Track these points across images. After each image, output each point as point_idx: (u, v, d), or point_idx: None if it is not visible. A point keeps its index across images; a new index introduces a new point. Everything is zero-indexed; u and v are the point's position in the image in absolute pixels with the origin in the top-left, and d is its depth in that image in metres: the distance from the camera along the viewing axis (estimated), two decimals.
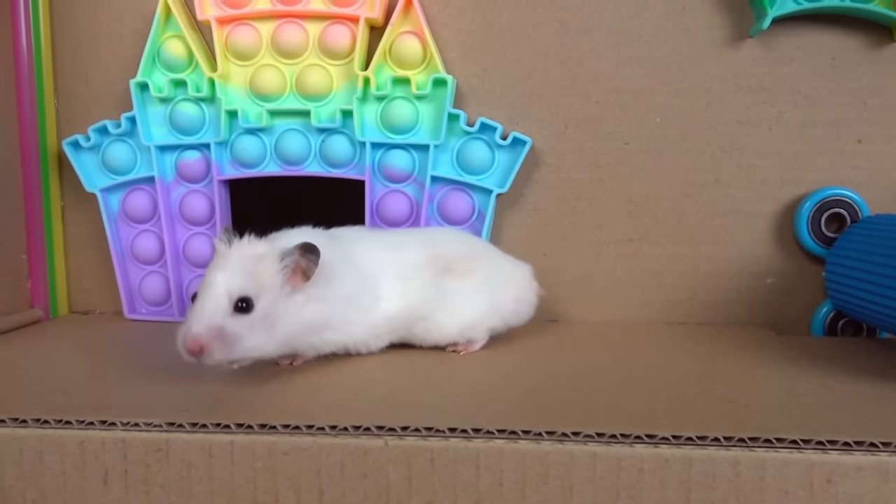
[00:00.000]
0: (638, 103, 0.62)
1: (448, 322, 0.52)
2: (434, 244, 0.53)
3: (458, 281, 0.52)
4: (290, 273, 0.45)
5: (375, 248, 0.51)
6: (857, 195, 0.60)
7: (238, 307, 0.43)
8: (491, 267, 0.54)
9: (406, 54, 0.60)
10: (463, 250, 0.54)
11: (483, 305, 0.53)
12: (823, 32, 0.60)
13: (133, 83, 0.62)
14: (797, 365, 0.51)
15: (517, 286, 0.56)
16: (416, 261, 0.51)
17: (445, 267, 0.52)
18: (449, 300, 0.51)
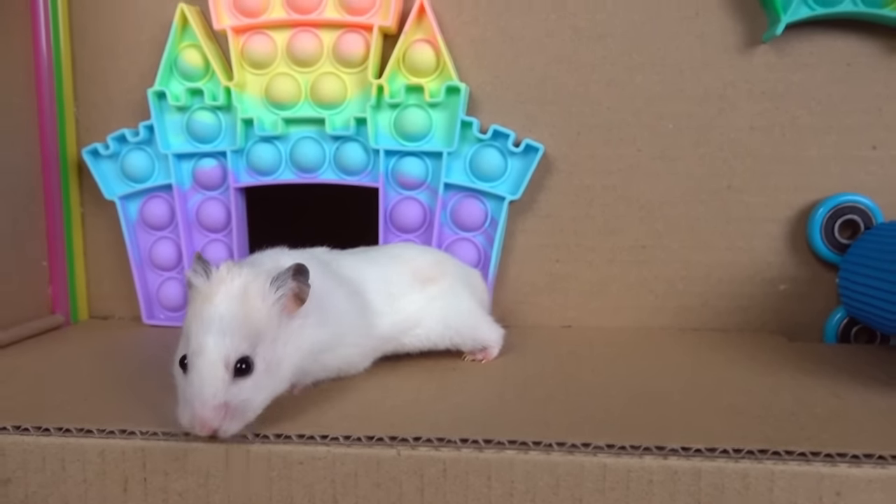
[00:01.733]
0: (650, 109, 0.62)
1: (436, 326, 0.52)
2: (405, 258, 0.54)
3: (436, 287, 0.52)
4: (286, 300, 0.41)
5: (359, 264, 0.51)
6: (871, 201, 0.60)
7: (238, 370, 0.39)
8: (455, 271, 0.56)
9: (419, 62, 0.61)
10: (428, 259, 0.55)
11: (467, 303, 0.54)
12: (838, 38, 0.60)
13: (151, 92, 0.62)
14: (808, 373, 0.51)
15: (478, 289, 0.58)
16: (400, 274, 0.52)
17: (425, 278, 0.52)
18: (434, 306, 0.52)
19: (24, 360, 0.55)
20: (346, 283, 0.49)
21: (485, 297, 0.59)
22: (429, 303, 0.52)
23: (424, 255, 0.55)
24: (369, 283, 0.50)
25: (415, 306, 0.51)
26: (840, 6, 0.58)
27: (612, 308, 0.64)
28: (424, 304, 0.52)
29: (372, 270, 0.52)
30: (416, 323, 0.51)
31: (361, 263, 0.52)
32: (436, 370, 0.52)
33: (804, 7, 0.58)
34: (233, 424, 0.38)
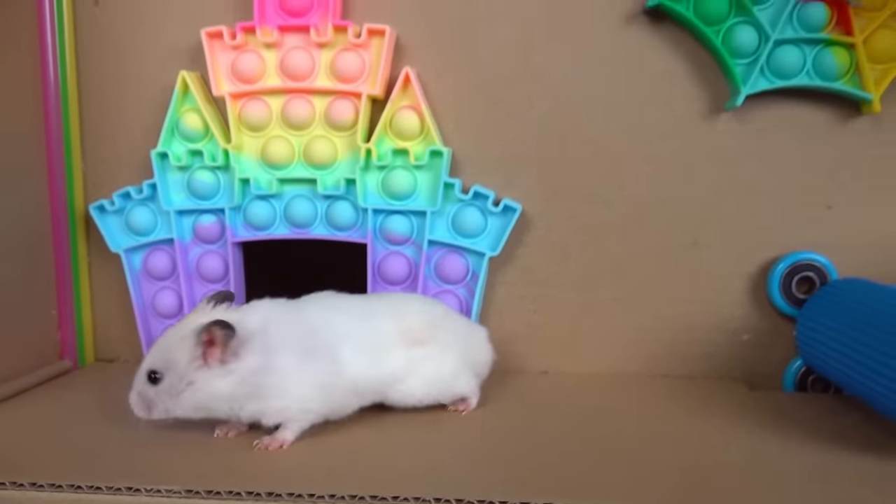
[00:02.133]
0: (622, 171, 0.66)
1: (419, 385, 0.56)
2: (401, 314, 0.57)
3: (423, 348, 0.56)
4: (206, 348, 0.49)
5: (344, 316, 0.55)
6: (826, 259, 0.64)
7: (150, 378, 0.51)
8: (452, 331, 0.58)
9: (405, 127, 0.65)
10: (426, 318, 0.58)
11: (451, 366, 0.57)
12: (795, 107, 0.64)
13: (154, 153, 0.67)
14: (762, 426, 0.55)
15: (477, 349, 0.60)
16: (386, 330, 0.55)
17: (414, 338, 0.56)
18: (418, 366, 0.55)
19: (36, 410, 0.59)
20: (313, 336, 0.53)
21: (483, 356, 0.61)
22: (414, 363, 0.55)
23: (422, 315, 0.58)
24: (348, 338, 0.54)
25: (398, 364, 0.55)
26: (796, 79, 0.62)
27: (586, 355, 0.68)
28: (408, 363, 0.55)
29: (356, 325, 0.55)
30: (398, 380, 0.55)
31: (347, 318, 0.55)
32: (412, 425, 0.56)
33: (763, 80, 0.63)
34: (139, 409, 0.51)
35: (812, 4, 0.61)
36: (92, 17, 0.69)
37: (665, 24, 0.64)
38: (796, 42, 0.62)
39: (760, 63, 0.62)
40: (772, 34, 0.61)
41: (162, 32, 0.68)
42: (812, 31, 0.62)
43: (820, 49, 0.62)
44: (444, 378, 0.57)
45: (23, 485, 0.46)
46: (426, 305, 0.60)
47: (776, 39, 0.61)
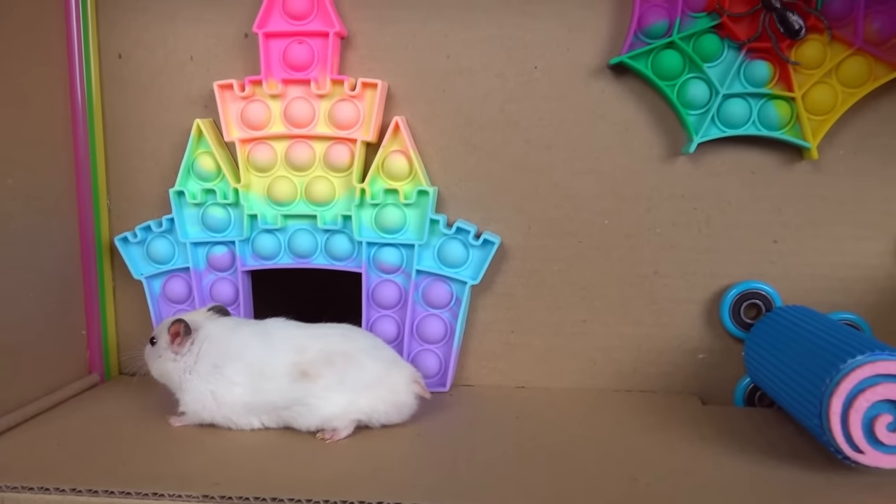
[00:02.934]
0: (589, 208, 0.74)
1: (307, 415, 0.63)
2: (303, 348, 0.63)
3: (316, 382, 0.62)
4: (171, 337, 0.65)
5: (261, 343, 0.64)
6: (771, 288, 0.72)
7: (151, 341, 0.68)
8: (359, 370, 0.63)
9: (395, 169, 0.73)
10: (322, 355, 0.63)
11: (340, 405, 0.62)
12: (744, 151, 0.72)
13: (172, 191, 0.75)
14: (706, 438, 0.63)
15: (387, 389, 0.63)
16: (284, 362, 0.63)
17: (303, 373, 0.62)
18: (310, 397, 0.62)
19: (71, 421, 0.67)
20: (219, 360, 0.64)
21: (402, 398, 0.64)
22: (298, 394, 0.62)
23: (320, 352, 0.63)
24: (253, 359, 0.63)
25: (281, 394, 0.62)
26: (743, 129, 0.70)
27: (558, 372, 0.76)
28: (292, 393, 0.62)
29: (257, 351, 0.63)
30: (283, 406, 0.63)
31: (256, 343, 0.64)
32: (399, 434, 0.64)
33: (714, 128, 0.70)
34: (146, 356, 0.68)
35: (756, 63, 0.69)
36: (116, 70, 0.76)
37: (627, 78, 0.72)
38: (743, 96, 0.69)
39: (711, 114, 0.69)
40: (721, 89, 0.69)
41: (179, 83, 0.76)
42: (757, 86, 0.69)
43: (764, 102, 0.69)
44: (321, 415, 0.62)
45: (63, 490, 0.54)
46: (343, 343, 0.65)
47: (725, 93, 0.69)
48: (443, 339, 0.75)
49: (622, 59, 0.69)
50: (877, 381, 0.53)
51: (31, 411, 0.68)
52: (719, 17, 0.68)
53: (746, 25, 0.68)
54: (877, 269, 0.71)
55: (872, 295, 0.71)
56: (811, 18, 0.67)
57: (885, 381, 0.53)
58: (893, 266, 0.71)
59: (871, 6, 0.67)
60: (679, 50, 0.69)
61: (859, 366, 0.53)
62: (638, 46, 0.69)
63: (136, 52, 0.76)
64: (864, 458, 0.54)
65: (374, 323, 0.75)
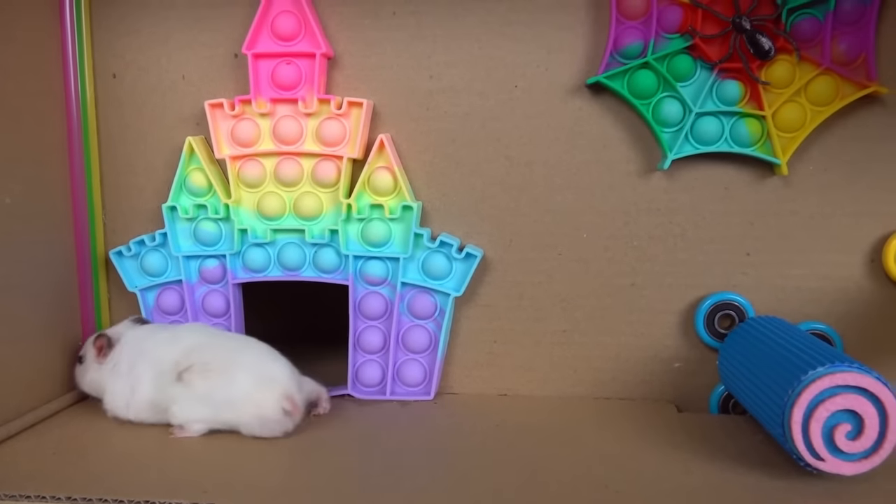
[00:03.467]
0: (569, 222, 0.76)
1: (177, 414, 0.68)
2: (193, 352, 0.69)
3: (183, 388, 0.67)
4: (97, 350, 0.72)
5: (162, 348, 0.70)
6: (744, 299, 0.74)
7: (79, 360, 0.75)
8: (227, 382, 0.67)
9: (381, 185, 0.75)
10: (216, 360, 0.68)
11: (202, 412, 0.67)
12: (717, 167, 0.74)
13: (165, 206, 0.77)
14: (677, 445, 0.65)
15: (252, 403, 0.66)
16: (169, 365, 0.68)
17: (178, 376, 0.68)
18: (180, 399, 0.67)
19: (66, 431, 0.69)
20: (140, 360, 0.70)
21: (264, 412, 0.66)
22: (176, 395, 0.68)
23: (213, 357, 0.68)
24: (150, 363, 0.70)
25: (160, 393, 0.68)
26: (715, 145, 0.72)
27: (539, 380, 0.79)
28: (170, 395, 0.68)
29: (165, 353, 0.69)
30: (166, 406, 0.68)
31: (166, 343, 0.70)
32: (381, 441, 0.67)
33: (687, 145, 0.72)
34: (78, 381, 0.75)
35: (728, 82, 0.71)
36: (110, 89, 0.79)
37: (604, 97, 0.74)
38: (715, 114, 0.72)
39: (685, 131, 0.72)
40: (694, 107, 0.71)
41: (171, 102, 0.78)
42: (729, 104, 0.71)
43: (736, 120, 0.72)
44: (183, 417, 0.68)
45: (59, 498, 0.56)
46: (226, 354, 0.69)
47: (698, 112, 0.71)
48: (427, 348, 0.77)
49: (599, 79, 0.72)
50: (836, 391, 0.56)
51: (30, 420, 0.71)
52: (692, 38, 0.70)
53: (718, 47, 0.71)
54: (846, 281, 0.74)
55: (842, 305, 0.74)
56: (780, 40, 0.69)
57: (845, 392, 0.55)
58: (861, 277, 0.73)
59: (837, 28, 0.69)
60: (654, 70, 0.71)
61: (820, 377, 0.56)
62: (614, 66, 0.72)
63: (130, 72, 0.79)
64: (825, 466, 0.56)
65: (361, 333, 0.78)
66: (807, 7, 0.69)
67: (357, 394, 0.78)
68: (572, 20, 0.73)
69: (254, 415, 0.66)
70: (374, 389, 0.78)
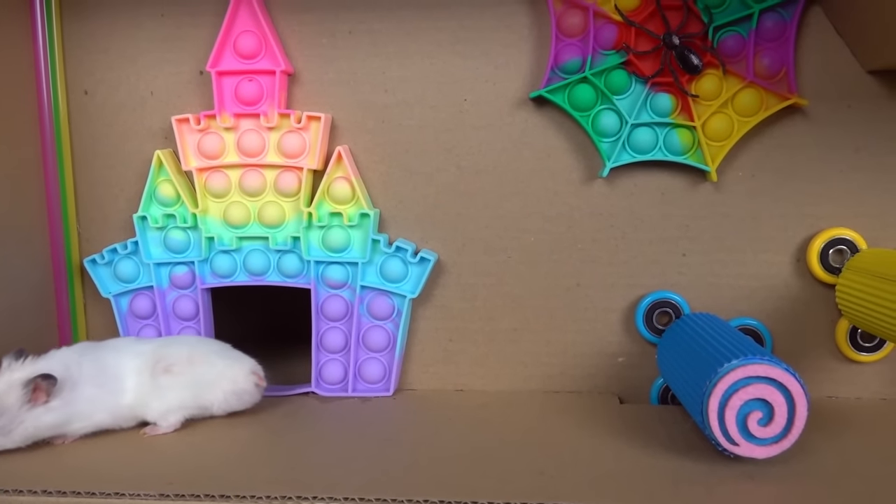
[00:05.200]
0: (517, 226, 0.81)
1: (156, 408, 0.72)
2: (161, 351, 0.73)
3: (171, 379, 0.72)
4: (32, 394, 0.65)
5: (123, 356, 0.72)
6: (680, 297, 0.79)
7: None
8: (202, 369, 0.73)
9: (339, 194, 0.80)
10: (183, 355, 0.73)
11: (184, 399, 0.72)
12: (654, 174, 0.79)
13: (136, 216, 0.81)
14: (614, 434, 0.70)
15: (229, 380, 0.74)
16: (144, 364, 0.72)
17: (164, 369, 0.72)
18: (162, 393, 0.71)
19: None
20: (103, 372, 0.70)
21: (243, 387, 0.74)
22: (158, 389, 0.71)
23: (182, 351, 0.74)
24: (124, 369, 0.71)
25: (144, 389, 0.71)
26: (650, 154, 0.77)
27: (493, 376, 0.83)
28: (151, 389, 0.71)
29: (129, 361, 0.72)
30: (147, 403, 0.71)
31: (127, 355, 0.73)
32: (343, 434, 0.71)
33: (625, 154, 0.77)
34: None
35: (661, 95, 0.76)
36: (82, 105, 0.83)
37: (547, 109, 0.79)
38: (650, 125, 0.77)
39: (622, 141, 0.77)
40: (630, 119, 0.76)
41: (141, 117, 0.83)
42: (662, 116, 0.76)
43: (669, 130, 0.77)
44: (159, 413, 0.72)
45: (35, 491, 0.60)
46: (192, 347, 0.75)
47: (633, 123, 0.76)
48: (386, 347, 0.82)
49: (541, 93, 0.76)
50: (749, 382, 0.61)
51: None
52: (626, 54, 0.75)
53: (651, 62, 0.76)
54: (775, 279, 0.79)
55: (771, 302, 0.79)
56: (707, 55, 0.74)
57: (756, 382, 0.61)
58: (789, 276, 0.79)
59: (760, 44, 0.75)
60: (592, 84, 0.76)
61: (734, 369, 0.61)
62: (555, 81, 0.77)
63: (100, 88, 0.83)
64: (740, 450, 0.61)
65: (324, 334, 0.82)
66: (731, 25, 0.74)
67: (320, 391, 0.83)
68: (517, 38, 0.78)
69: (231, 391, 0.73)
70: (337, 387, 0.83)
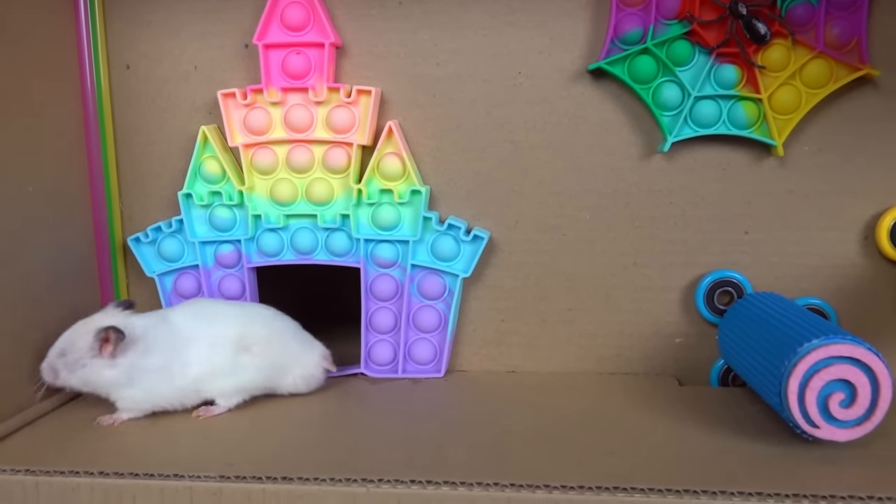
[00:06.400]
0: (572, 203, 0.78)
1: (226, 386, 0.70)
2: (245, 330, 0.71)
3: (250, 359, 0.70)
4: (101, 344, 0.66)
5: (196, 322, 0.70)
6: (742, 276, 0.77)
7: (60, 354, 0.68)
8: (279, 351, 0.72)
9: (390, 170, 0.78)
10: (263, 335, 0.71)
11: (256, 380, 0.71)
12: (715, 148, 0.76)
13: (181, 194, 0.79)
14: (677, 416, 0.68)
15: (302, 366, 0.73)
16: (224, 339, 0.70)
17: (245, 347, 0.70)
18: (237, 372, 0.70)
19: (94, 411, 0.72)
20: (174, 340, 0.69)
21: (314, 373, 0.74)
22: (234, 366, 0.70)
23: (262, 328, 0.72)
24: (196, 337, 0.70)
25: (221, 364, 0.70)
26: (714, 128, 0.74)
27: (546, 357, 0.81)
28: (229, 366, 0.70)
29: (203, 329, 0.70)
30: (215, 378, 0.70)
31: (200, 322, 0.71)
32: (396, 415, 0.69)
33: (687, 128, 0.75)
34: (48, 377, 0.68)
35: (725, 66, 0.73)
36: (125, 80, 0.81)
37: (605, 82, 0.76)
38: (713, 98, 0.74)
39: (684, 115, 0.74)
40: (693, 91, 0.73)
41: (185, 92, 0.80)
42: (726, 88, 0.74)
43: (733, 103, 0.74)
44: (235, 386, 0.71)
45: (92, 473, 0.59)
46: (271, 322, 0.74)
47: (696, 95, 0.74)
48: (437, 328, 0.80)
49: (600, 65, 0.74)
50: (830, 362, 0.58)
51: (56, 402, 0.73)
52: (690, 24, 0.72)
53: (715, 32, 0.73)
54: (841, 258, 0.76)
55: (836, 280, 0.77)
56: (775, 25, 0.71)
57: (838, 363, 0.58)
58: (856, 254, 0.76)
59: (830, 13, 0.72)
60: (653, 55, 0.74)
61: (815, 349, 0.59)
62: (615, 52, 0.74)
63: (143, 63, 0.81)
64: (820, 433, 0.59)
65: (373, 314, 0.80)
66: None
67: (370, 372, 0.81)
68: (574, 7, 0.76)
69: (301, 376, 0.73)
70: (387, 368, 0.81)
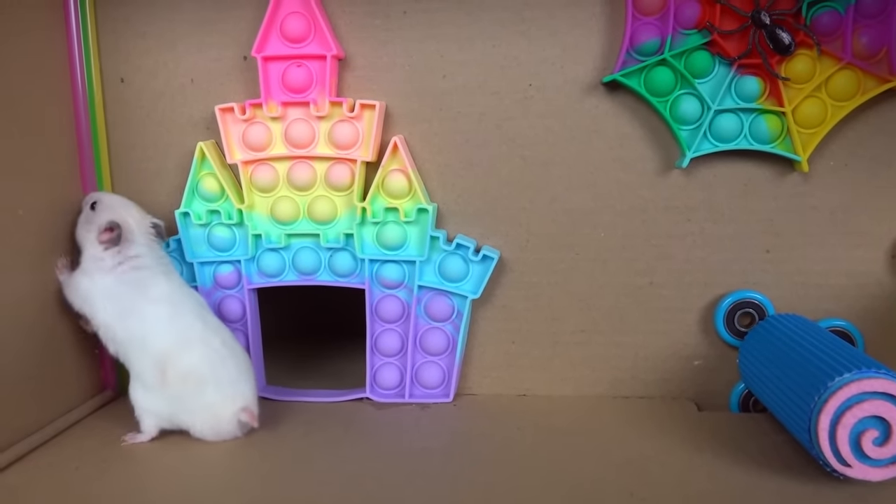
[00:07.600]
0: (586, 221, 0.75)
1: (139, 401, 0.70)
2: (178, 344, 0.68)
3: (160, 377, 0.68)
4: (102, 233, 0.69)
5: (169, 301, 0.70)
6: (764, 297, 0.74)
7: (91, 207, 0.72)
8: (191, 389, 0.68)
9: (395, 188, 0.74)
10: (184, 365, 0.68)
11: (160, 405, 0.68)
12: (736, 164, 0.73)
13: (177, 213, 0.76)
14: (699, 446, 0.65)
15: (212, 414, 0.68)
16: (160, 340, 0.69)
17: (161, 364, 0.68)
18: (147, 376, 0.69)
19: (87, 442, 0.69)
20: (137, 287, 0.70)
21: (225, 427, 0.69)
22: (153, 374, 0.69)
23: (187, 360, 0.68)
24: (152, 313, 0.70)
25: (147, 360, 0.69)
26: (734, 143, 0.71)
27: (558, 380, 0.78)
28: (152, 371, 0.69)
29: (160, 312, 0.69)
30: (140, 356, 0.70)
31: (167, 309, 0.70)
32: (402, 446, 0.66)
33: (706, 143, 0.71)
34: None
35: (747, 78, 0.70)
36: (119, 93, 0.78)
37: (621, 94, 0.73)
38: (734, 111, 0.71)
39: (704, 129, 0.71)
40: (713, 104, 0.70)
41: (181, 106, 0.77)
42: (748, 101, 0.70)
43: (755, 117, 0.70)
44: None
45: None
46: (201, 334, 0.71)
47: (716, 109, 0.70)
48: (445, 350, 0.77)
49: (615, 77, 0.70)
50: (863, 398, 0.55)
51: (50, 433, 0.70)
52: (710, 34, 0.69)
53: (737, 42, 0.69)
54: (867, 277, 0.73)
55: (863, 301, 0.73)
56: (800, 34, 0.68)
57: (872, 398, 0.55)
58: (883, 273, 0.73)
59: (858, 21, 0.68)
60: (671, 67, 0.70)
61: (847, 383, 0.55)
62: (630, 64, 0.70)
63: (137, 76, 0.77)
64: (852, 472, 0.56)
65: (379, 336, 0.77)
66: (827, 0, 0.68)
67: (376, 397, 0.78)
68: (587, 17, 0.72)
69: (209, 423, 0.68)
70: (393, 392, 0.78)
